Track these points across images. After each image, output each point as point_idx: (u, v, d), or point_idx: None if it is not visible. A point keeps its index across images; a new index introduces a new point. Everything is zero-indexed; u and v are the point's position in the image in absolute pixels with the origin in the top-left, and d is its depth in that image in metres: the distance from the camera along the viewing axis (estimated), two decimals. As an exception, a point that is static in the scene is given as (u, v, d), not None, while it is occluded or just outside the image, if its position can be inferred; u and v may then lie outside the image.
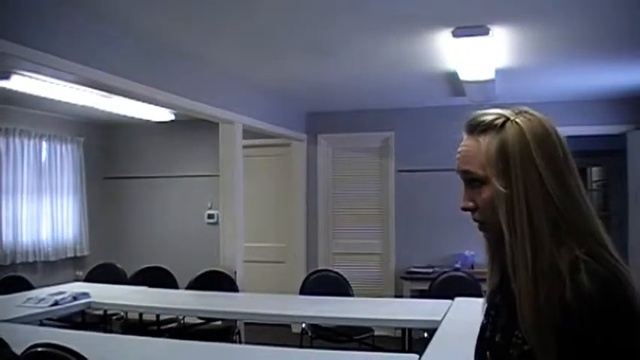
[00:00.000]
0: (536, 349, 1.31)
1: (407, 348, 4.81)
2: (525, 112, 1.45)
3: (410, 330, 4.89)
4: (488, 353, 1.54)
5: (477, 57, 5.29)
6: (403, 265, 8.20)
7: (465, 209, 1.51)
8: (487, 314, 1.61)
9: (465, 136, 1.51)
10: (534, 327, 1.30)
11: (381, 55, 5.64)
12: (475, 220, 1.51)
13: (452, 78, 6.30)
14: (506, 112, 1.46)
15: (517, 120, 1.43)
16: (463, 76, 5.91)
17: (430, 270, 7.69)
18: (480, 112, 1.51)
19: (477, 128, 1.48)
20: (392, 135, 8.56)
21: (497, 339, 1.50)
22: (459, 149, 1.51)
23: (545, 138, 1.41)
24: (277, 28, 4.90)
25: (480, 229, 1.53)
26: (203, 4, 4.27)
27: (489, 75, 5.84)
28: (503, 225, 1.39)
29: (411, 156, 8.40)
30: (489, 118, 1.47)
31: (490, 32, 4.63)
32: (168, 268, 6.92)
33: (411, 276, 7.79)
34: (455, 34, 4.71)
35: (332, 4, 4.30)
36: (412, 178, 8.36)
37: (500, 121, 1.45)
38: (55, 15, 4.14)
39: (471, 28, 4.60)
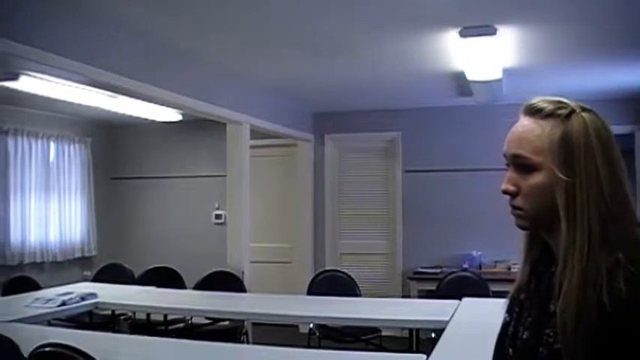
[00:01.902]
0: (566, 345, 1.30)
1: (414, 348, 4.80)
2: (590, 109, 1.44)
3: (417, 330, 4.88)
4: (510, 350, 1.52)
5: (484, 57, 5.29)
6: (410, 265, 8.19)
7: (505, 192, 1.48)
8: (510, 311, 1.59)
9: (524, 118, 1.47)
10: (573, 319, 1.28)
11: (388, 55, 5.64)
12: (514, 206, 1.47)
13: (459, 78, 6.29)
14: (572, 104, 1.44)
15: (583, 114, 1.41)
16: (470, 76, 5.90)
17: (437, 270, 7.68)
18: (543, 97, 1.48)
19: (540, 113, 1.45)
20: (399, 135, 8.55)
21: (524, 336, 1.48)
22: (513, 130, 1.49)
23: (606, 139, 1.39)
24: (285, 28, 4.91)
25: (516, 215, 1.49)
26: (211, 4, 4.28)
27: (496, 75, 5.83)
28: (562, 214, 1.37)
29: (417, 156, 8.39)
30: (554, 105, 1.44)
31: (497, 32, 4.63)
32: (176, 269, 6.93)
33: (418, 276, 7.79)
34: (462, 34, 4.71)
35: (340, 5, 4.30)
36: (419, 179, 8.36)
37: (565, 111, 1.42)
38: (60, 15, 4.15)
39: (478, 27, 4.60)
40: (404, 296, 7.91)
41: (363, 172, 8.83)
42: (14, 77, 5.85)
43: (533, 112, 1.46)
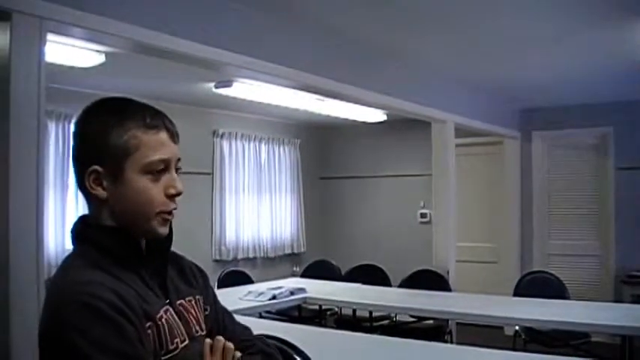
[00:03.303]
0: None
1: (627, 356, 4.56)
2: None
3: (631, 337, 4.63)
4: None
5: None
6: (623, 268, 7.76)
7: None
8: None
9: None
10: None
11: (599, 46, 5.40)
12: None
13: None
14: None
15: None
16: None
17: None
18: None
19: None
20: (610, 130, 8.13)
21: None
22: None
23: None
24: (494, 24, 4.84)
25: None
26: (416, 3, 4.31)
27: None
28: None
29: (632, 153, 7.93)
30: None
31: None
32: (382, 266, 7.02)
33: (631, 280, 7.38)
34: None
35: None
36: (634, 176, 7.90)
37: None
38: (265, 22, 4.35)
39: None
40: (616, 301, 7.52)
41: (572, 169, 8.50)
42: (228, 84, 6.21)
43: None
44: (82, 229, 1.60)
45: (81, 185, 1.57)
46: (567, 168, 8.54)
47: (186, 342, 1.58)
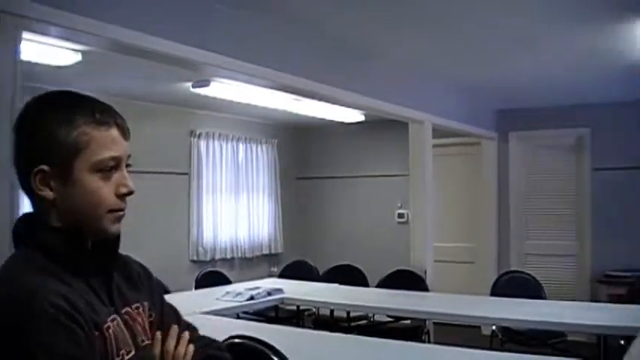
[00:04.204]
0: None
1: (602, 356, 4.59)
2: None
3: (606, 337, 4.66)
4: None
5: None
6: (599, 268, 7.82)
7: None
8: None
9: None
10: None
11: (575, 47, 5.44)
12: None
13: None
14: None
15: None
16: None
17: (629, 274, 7.29)
18: None
19: None
20: (587, 132, 8.19)
21: None
22: None
23: None
24: (471, 26, 4.86)
25: None
26: (395, 4, 4.31)
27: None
28: None
29: (608, 153, 8.00)
30: None
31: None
32: (359, 266, 7.03)
33: (607, 280, 7.44)
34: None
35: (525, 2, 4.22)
36: (610, 177, 7.96)
37: None
38: (245, 21, 4.34)
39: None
40: (592, 300, 7.58)
41: (549, 170, 8.56)
42: (206, 84, 6.18)
43: None
44: (28, 231, 1.51)
45: (26, 186, 1.49)
46: (544, 168, 8.59)
47: (132, 353, 1.52)
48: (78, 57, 4.77)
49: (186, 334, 1.60)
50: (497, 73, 6.58)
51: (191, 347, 1.60)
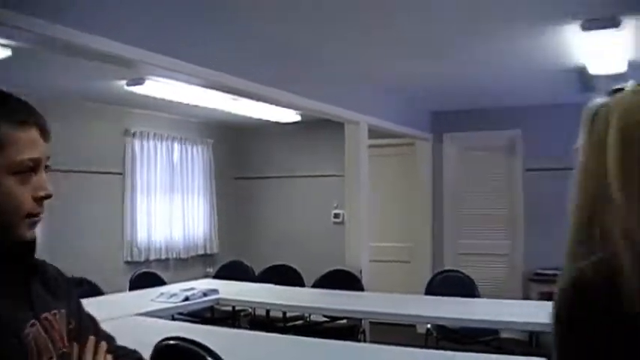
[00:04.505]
0: None
1: (534, 352, 4.68)
2: None
3: (538, 334, 4.76)
4: None
5: (608, 50, 5.10)
6: (531, 266, 7.97)
7: None
8: None
9: None
10: None
11: (506, 51, 5.53)
12: None
13: (581, 73, 6.09)
14: None
15: None
16: (593, 70, 5.70)
17: (559, 272, 7.41)
18: None
19: None
20: (519, 133, 8.36)
21: None
22: None
23: None
24: (402, 29, 4.89)
25: None
26: (328, 4, 4.32)
27: (621, 68, 5.61)
28: None
29: (539, 154, 8.16)
30: None
31: (621, 24, 4.46)
32: (295, 267, 7.03)
33: (538, 278, 7.58)
34: (584, 28, 4.56)
35: (456, 2, 4.26)
36: (541, 177, 8.12)
37: None
38: (182, 22, 4.29)
39: (600, 20, 4.44)
40: (524, 298, 7.72)
41: (482, 171, 8.68)
42: (140, 82, 6.10)
43: None
44: None
45: None
46: (478, 169, 8.71)
47: (54, 359, 1.47)
48: (8, 52, 4.64)
49: (104, 345, 1.56)
50: (431, 75, 6.64)
51: (109, 358, 1.56)
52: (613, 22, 4.43)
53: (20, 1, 3.16)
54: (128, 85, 6.30)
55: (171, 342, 2.94)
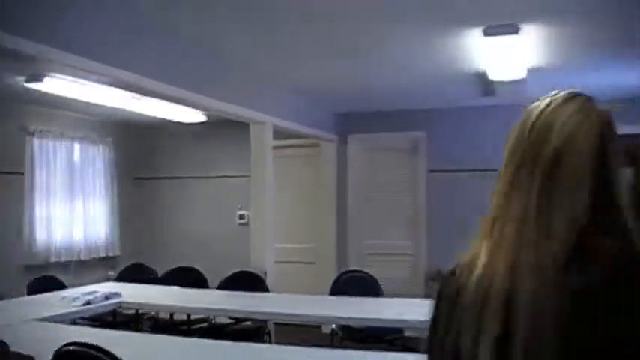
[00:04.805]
0: None
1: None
2: None
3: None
4: None
5: (508, 56, 5.25)
6: (433, 265, 8.12)
7: None
8: None
9: None
10: None
11: (410, 54, 5.62)
12: None
13: (483, 78, 6.25)
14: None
15: None
16: (493, 75, 5.86)
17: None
18: None
19: None
20: (423, 135, 8.52)
21: None
22: None
23: None
24: (307, 30, 4.91)
25: None
26: (233, 3, 4.29)
27: (520, 74, 5.78)
28: None
29: (442, 156, 8.36)
30: None
31: (520, 31, 4.59)
32: (199, 269, 6.96)
33: (440, 277, 7.72)
34: (486, 33, 4.68)
35: (361, 4, 4.29)
36: (443, 179, 8.32)
37: None
38: (85, 17, 4.17)
39: (501, 26, 4.57)
40: (426, 297, 7.85)
41: (386, 172, 8.81)
42: (39, 79, 5.91)
43: None
44: None
45: None
46: (382, 170, 8.83)
47: None
48: None
49: None
50: (336, 77, 6.69)
51: None
52: (513, 29, 4.57)
53: None
54: (27, 81, 6.09)
55: (72, 347, 2.87)
